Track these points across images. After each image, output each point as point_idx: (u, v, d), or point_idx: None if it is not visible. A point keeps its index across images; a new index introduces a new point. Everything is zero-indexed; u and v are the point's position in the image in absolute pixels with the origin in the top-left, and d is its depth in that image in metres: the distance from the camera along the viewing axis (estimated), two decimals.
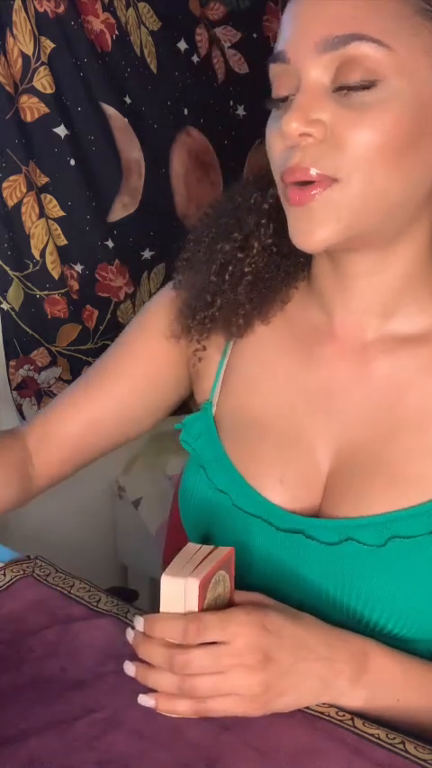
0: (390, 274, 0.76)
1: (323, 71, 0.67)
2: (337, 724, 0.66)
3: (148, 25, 1.80)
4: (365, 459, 0.76)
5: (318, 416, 0.80)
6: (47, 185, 1.68)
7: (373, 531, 0.73)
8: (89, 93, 1.70)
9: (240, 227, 0.83)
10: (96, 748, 0.63)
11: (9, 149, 1.62)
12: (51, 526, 1.80)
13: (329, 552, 0.74)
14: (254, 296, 0.83)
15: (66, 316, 1.77)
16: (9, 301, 1.70)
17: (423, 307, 0.77)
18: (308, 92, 0.68)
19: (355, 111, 0.66)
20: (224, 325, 0.85)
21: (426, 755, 0.63)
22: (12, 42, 1.57)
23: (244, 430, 0.83)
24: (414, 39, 0.66)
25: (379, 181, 0.67)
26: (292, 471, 0.79)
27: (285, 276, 0.84)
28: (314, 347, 0.82)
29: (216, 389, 0.88)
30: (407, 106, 0.66)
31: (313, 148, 0.67)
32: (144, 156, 1.83)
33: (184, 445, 0.89)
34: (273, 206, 0.81)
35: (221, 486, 0.82)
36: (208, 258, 0.85)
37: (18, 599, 0.84)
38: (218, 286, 0.83)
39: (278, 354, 0.84)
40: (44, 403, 1.80)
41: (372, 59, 0.66)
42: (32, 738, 0.65)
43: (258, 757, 0.62)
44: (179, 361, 0.91)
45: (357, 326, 0.79)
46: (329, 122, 0.67)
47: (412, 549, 0.72)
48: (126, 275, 1.84)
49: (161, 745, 0.62)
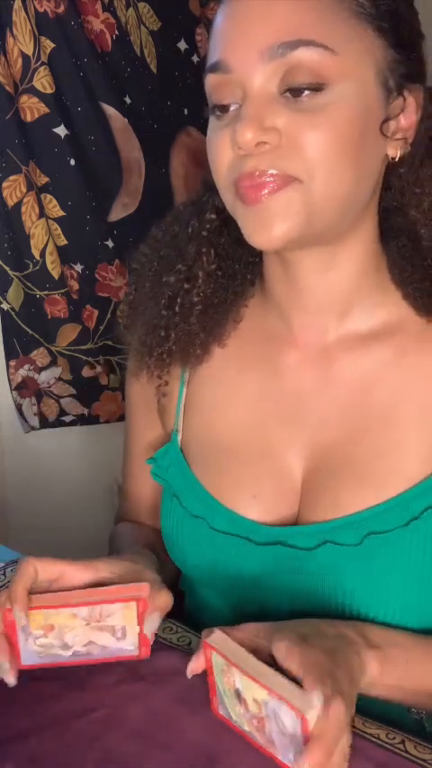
0: (341, 271, 0.76)
1: (270, 78, 0.67)
2: None
3: (148, 25, 1.80)
4: (337, 460, 0.77)
5: (287, 426, 0.80)
6: (47, 185, 1.68)
7: (349, 530, 0.74)
8: (89, 93, 1.71)
9: (183, 257, 0.83)
10: (96, 748, 0.63)
11: (9, 149, 1.62)
12: (51, 526, 1.80)
13: (309, 557, 0.75)
14: (207, 323, 0.83)
15: (66, 316, 1.77)
16: (9, 301, 1.70)
17: (376, 301, 0.78)
18: (257, 100, 0.67)
19: (307, 114, 0.67)
20: (182, 356, 0.85)
21: (426, 755, 0.63)
22: (12, 42, 1.57)
23: (212, 453, 0.84)
24: (355, 41, 0.67)
25: (336, 178, 0.68)
26: (265, 485, 0.79)
27: (234, 297, 0.84)
28: (276, 357, 0.82)
29: (179, 418, 0.88)
30: (355, 106, 0.67)
31: (269, 154, 0.67)
32: (144, 156, 1.84)
33: (155, 478, 0.89)
34: (211, 231, 0.81)
35: (196, 512, 0.82)
36: (155, 293, 0.85)
37: None
38: (169, 319, 0.83)
39: (238, 372, 0.84)
40: (44, 403, 1.81)
41: (318, 64, 0.66)
42: (32, 738, 0.65)
43: (258, 757, 0.62)
44: (152, 402, 0.92)
45: (316, 328, 0.79)
46: (283, 127, 0.67)
47: (389, 543, 0.73)
48: (126, 275, 1.84)
49: (161, 745, 0.62)
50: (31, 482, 1.85)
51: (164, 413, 0.91)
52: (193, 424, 0.86)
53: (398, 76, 0.70)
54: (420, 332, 0.77)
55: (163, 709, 0.67)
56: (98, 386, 1.85)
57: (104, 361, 1.85)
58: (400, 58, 0.70)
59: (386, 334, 0.78)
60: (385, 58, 0.69)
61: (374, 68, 0.68)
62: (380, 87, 0.69)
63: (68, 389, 1.82)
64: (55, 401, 1.82)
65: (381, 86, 0.69)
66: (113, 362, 1.86)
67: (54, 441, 1.86)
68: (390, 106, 0.70)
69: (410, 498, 0.73)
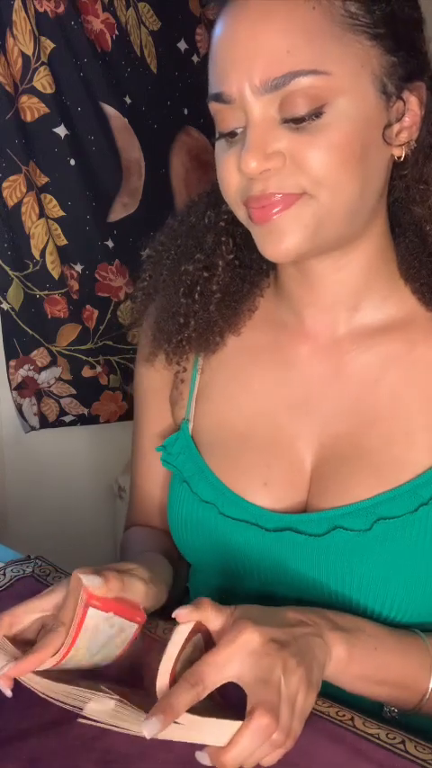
0: (352, 268, 0.78)
1: (268, 107, 0.68)
2: (338, 724, 0.66)
3: (148, 25, 1.80)
4: (347, 449, 0.78)
5: (297, 416, 0.81)
6: (47, 185, 1.68)
7: (358, 516, 0.75)
8: (89, 93, 1.71)
9: (201, 247, 0.85)
10: (96, 748, 0.63)
11: (9, 149, 1.62)
12: (51, 526, 1.80)
13: (318, 543, 0.76)
14: (225, 311, 0.85)
15: (66, 316, 1.77)
16: (9, 301, 1.70)
17: (386, 295, 0.80)
18: (259, 127, 0.69)
19: (309, 134, 0.68)
20: (200, 343, 0.86)
21: (426, 755, 0.63)
22: (12, 42, 1.57)
23: (224, 441, 0.84)
24: (349, 56, 0.68)
25: (341, 192, 0.69)
26: (275, 473, 0.80)
27: (251, 287, 0.86)
28: (287, 348, 0.83)
29: (191, 406, 0.89)
30: (354, 121, 0.68)
31: (275, 177, 0.69)
32: (144, 156, 1.83)
33: (164, 465, 0.89)
34: (229, 222, 0.83)
35: (206, 498, 0.83)
36: (174, 281, 0.86)
37: (18, 599, 0.83)
38: (189, 307, 0.85)
39: (251, 362, 0.86)
40: (44, 403, 1.81)
41: (314, 88, 0.67)
42: (32, 738, 0.65)
43: None
44: (164, 390, 0.92)
45: (328, 322, 0.81)
46: (286, 150, 0.68)
47: (398, 529, 0.74)
48: (126, 275, 1.84)
49: (161, 745, 0.62)
50: (31, 482, 1.85)
51: (177, 400, 0.91)
52: (204, 411, 0.87)
53: (396, 80, 0.70)
54: (429, 325, 0.79)
55: None
56: (98, 386, 1.85)
57: (104, 361, 1.85)
58: (397, 60, 0.70)
59: (395, 327, 0.80)
60: (382, 65, 0.69)
61: (371, 78, 0.69)
62: (378, 95, 0.69)
63: (68, 389, 1.82)
64: (55, 401, 1.82)
65: (379, 94, 0.70)
66: (113, 362, 1.86)
67: (54, 441, 1.86)
68: (391, 110, 0.71)
69: (420, 485, 0.75)
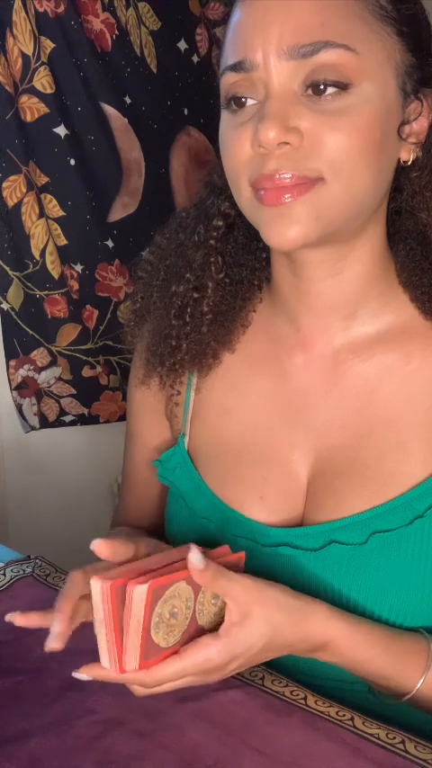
0: (349, 272, 0.76)
1: (292, 78, 0.67)
2: (338, 724, 0.66)
3: (148, 25, 1.80)
4: (343, 461, 0.77)
5: (294, 428, 0.80)
6: (47, 185, 1.68)
7: (354, 530, 0.74)
8: (89, 93, 1.70)
9: (190, 266, 0.83)
10: (96, 748, 0.63)
11: (9, 149, 1.62)
12: (51, 526, 1.80)
13: (315, 558, 0.75)
14: (217, 331, 0.83)
15: (66, 316, 1.77)
16: (9, 301, 1.70)
17: (384, 303, 0.79)
18: (280, 99, 0.67)
19: (330, 116, 0.66)
20: (194, 365, 0.85)
21: (426, 755, 0.63)
22: (12, 42, 1.57)
23: (219, 456, 0.84)
24: (378, 43, 0.67)
25: (357, 180, 0.68)
26: (271, 487, 0.80)
27: (243, 303, 0.84)
28: (283, 359, 0.82)
29: (187, 421, 0.88)
30: (377, 108, 0.68)
31: (289, 155, 0.67)
32: (144, 156, 1.83)
33: (161, 480, 0.89)
34: (218, 239, 0.82)
35: (202, 513, 0.82)
36: (164, 303, 0.85)
37: (18, 599, 0.84)
38: (180, 329, 0.83)
39: (246, 375, 0.84)
40: (44, 403, 1.81)
41: (342, 65, 0.66)
42: (32, 738, 0.65)
43: (258, 757, 0.62)
44: (158, 407, 0.92)
45: (324, 330, 0.79)
46: (305, 129, 0.67)
47: (393, 542, 0.73)
48: (126, 275, 1.84)
49: (161, 746, 0.62)
50: (31, 482, 1.85)
51: (171, 417, 0.91)
52: (200, 426, 0.87)
53: (414, 81, 0.70)
54: (427, 335, 0.78)
55: (163, 709, 0.67)
56: (98, 386, 1.85)
57: (104, 361, 1.85)
58: (417, 62, 0.70)
59: (393, 336, 0.78)
60: (404, 62, 0.69)
61: (394, 71, 0.69)
62: (398, 90, 0.69)
63: (68, 389, 1.82)
64: (55, 401, 1.82)
65: (399, 90, 0.69)
66: (113, 362, 1.86)
67: (54, 441, 1.86)
68: (406, 110, 0.71)
69: (414, 497, 0.74)
